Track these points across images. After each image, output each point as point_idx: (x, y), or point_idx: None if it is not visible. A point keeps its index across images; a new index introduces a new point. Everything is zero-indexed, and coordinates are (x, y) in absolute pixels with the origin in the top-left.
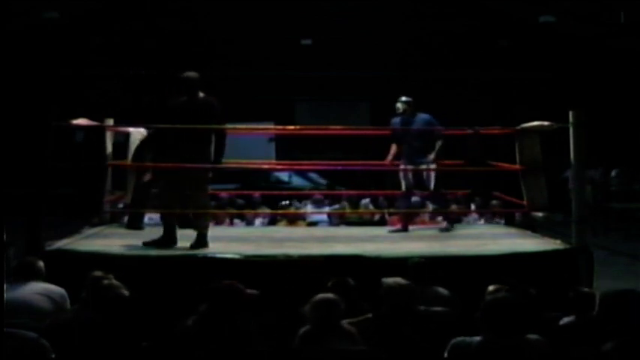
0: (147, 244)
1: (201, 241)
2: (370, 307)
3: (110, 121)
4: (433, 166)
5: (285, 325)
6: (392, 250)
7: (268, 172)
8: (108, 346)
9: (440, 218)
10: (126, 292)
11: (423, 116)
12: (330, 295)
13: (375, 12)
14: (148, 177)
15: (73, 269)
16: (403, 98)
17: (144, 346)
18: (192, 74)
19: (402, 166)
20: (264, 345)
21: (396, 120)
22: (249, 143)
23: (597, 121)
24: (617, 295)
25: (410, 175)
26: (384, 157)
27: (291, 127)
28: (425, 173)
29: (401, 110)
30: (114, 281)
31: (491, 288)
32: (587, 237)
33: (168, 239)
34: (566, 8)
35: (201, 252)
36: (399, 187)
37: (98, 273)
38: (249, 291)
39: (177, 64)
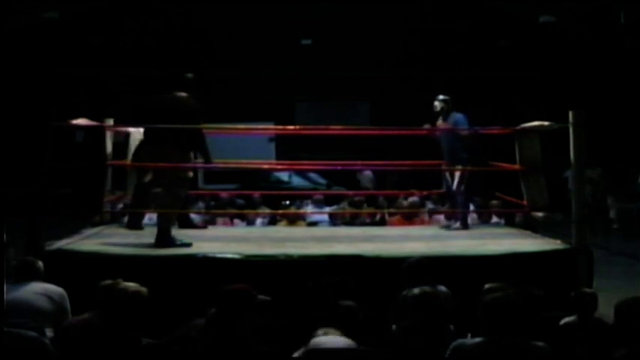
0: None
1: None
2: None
3: (110, 121)
4: (459, 167)
5: (285, 324)
6: (392, 250)
7: (268, 172)
8: (122, 348)
9: (473, 217)
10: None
11: (455, 116)
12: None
13: (375, 12)
14: (148, 177)
15: (73, 269)
16: (440, 97)
17: (146, 346)
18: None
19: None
20: (265, 346)
21: (438, 119)
22: (249, 143)
23: (597, 121)
24: (633, 303)
25: (447, 175)
26: (384, 157)
27: (291, 127)
28: (451, 173)
29: (438, 109)
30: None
31: (487, 286)
32: (587, 237)
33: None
34: (566, 8)
35: (201, 252)
36: (399, 187)
37: (109, 281)
38: (261, 297)
39: (177, 64)
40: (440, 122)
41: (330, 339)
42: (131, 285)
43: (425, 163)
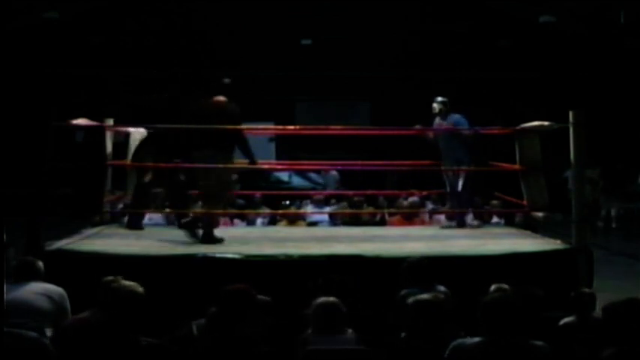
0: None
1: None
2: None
3: (110, 121)
4: (463, 168)
5: (285, 324)
6: (392, 250)
7: (268, 172)
8: (121, 347)
9: (470, 216)
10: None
11: (453, 117)
12: (332, 299)
13: (375, 12)
14: (148, 177)
15: (73, 269)
16: (439, 98)
17: (146, 346)
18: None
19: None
20: (265, 346)
21: (435, 120)
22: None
23: (597, 121)
24: (620, 305)
25: (450, 174)
26: (384, 157)
27: (291, 127)
28: (453, 174)
29: (436, 110)
30: (125, 282)
31: (493, 287)
32: (587, 237)
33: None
34: (566, 8)
35: (201, 252)
36: (399, 187)
37: (109, 277)
38: (260, 297)
39: (177, 64)
40: (438, 123)
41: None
42: (127, 283)
43: (425, 163)
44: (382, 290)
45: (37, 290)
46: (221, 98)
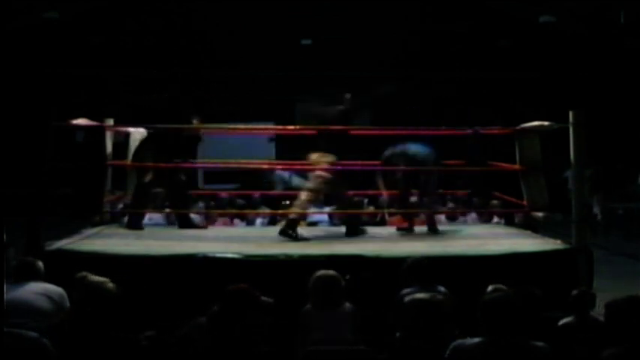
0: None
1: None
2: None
3: (110, 121)
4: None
5: (285, 324)
6: (392, 250)
7: (268, 172)
8: (107, 346)
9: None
10: (111, 285)
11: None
12: (331, 272)
13: (375, 12)
14: (148, 177)
15: (73, 269)
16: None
17: (145, 345)
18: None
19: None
20: (265, 346)
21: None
22: (249, 143)
23: (597, 121)
24: (623, 302)
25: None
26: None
27: (291, 127)
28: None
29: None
30: (96, 277)
31: (490, 288)
32: (587, 237)
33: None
34: (566, 8)
35: (201, 252)
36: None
37: (83, 273)
38: (264, 298)
39: (177, 64)
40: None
41: None
42: (96, 279)
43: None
44: (382, 290)
45: (37, 290)
46: (339, 107)
